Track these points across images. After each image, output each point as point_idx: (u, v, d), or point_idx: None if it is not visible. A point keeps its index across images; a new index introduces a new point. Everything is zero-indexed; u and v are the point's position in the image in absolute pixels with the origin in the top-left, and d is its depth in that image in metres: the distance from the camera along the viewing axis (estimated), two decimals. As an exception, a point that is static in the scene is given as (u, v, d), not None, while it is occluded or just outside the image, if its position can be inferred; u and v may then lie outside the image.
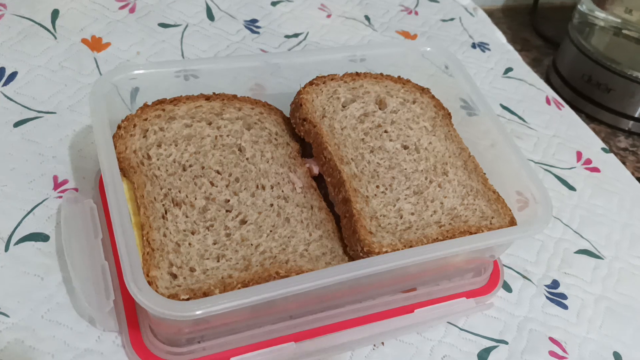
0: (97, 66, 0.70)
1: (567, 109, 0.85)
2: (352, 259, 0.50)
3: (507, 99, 0.83)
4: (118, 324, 0.49)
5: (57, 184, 0.58)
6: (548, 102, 0.85)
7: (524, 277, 0.62)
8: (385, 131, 0.57)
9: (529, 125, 0.80)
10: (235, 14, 0.84)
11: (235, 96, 0.57)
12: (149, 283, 0.43)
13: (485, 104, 0.61)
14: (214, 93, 0.57)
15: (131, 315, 0.49)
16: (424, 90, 0.63)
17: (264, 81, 0.65)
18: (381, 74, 0.62)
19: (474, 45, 0.91)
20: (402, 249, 0.49)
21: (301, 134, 0.55)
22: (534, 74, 0.90)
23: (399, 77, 0.63)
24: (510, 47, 0.95)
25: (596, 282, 0.63)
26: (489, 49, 0.91)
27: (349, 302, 0.53)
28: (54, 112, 0.64)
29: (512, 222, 0.55)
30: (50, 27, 0.71)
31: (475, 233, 0.53)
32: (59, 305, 0.50)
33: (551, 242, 0.66)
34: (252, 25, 0.83)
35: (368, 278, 0.49)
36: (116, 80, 0.53)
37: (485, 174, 0.59)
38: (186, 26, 0.79)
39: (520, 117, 0.81)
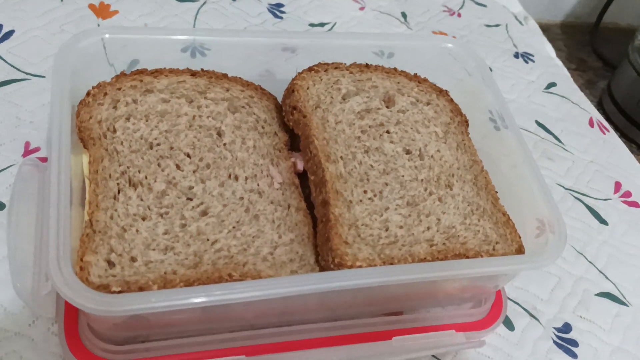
0: (103, 44, 0.65)
1: (612, 134, 0.76)
2: (322, 270, 0.43)
3: (545, 116, 0.74)
4: (56, 310, 0.44)
5: (28, 151, 0.54)
6: (591, 124, 0.76)
7: (531, 315, 0.54)
8: (387, 131, 0.51)
9: (565, 146, 0.71)
10: (260, -5, 0.79)
11: (225, 75, 0.52)
12: (81, 269, 0.38)
13: (511, 118, 0.53)
14: (202, 69, 0.51)
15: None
16: (441, 92, 0.56)
17: (276, 67, 0.59)
18: (395, 69, 0.56)
19: (516, 55, 0.83)
20: (379, 265, 0.42)
21: (290, 124, 0.49)
22: (580, 92, 0.81)
23: (415, 74, 0.56)
24: (558, 62, 0.86)
25: (616, 331, 0.54)
26: (532, 60, 0.83)
27: (319, 319, 0.47)
28: (43, 76, 0.60)
29: (520, 250, 0.48)
30: (54, -16, 0.68)
31: (473, 258, 0.46)
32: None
33: (570, 280, 0.57)
34: (276, 9, 0.78)
35: (338, 294, 0.42)
36: (91, 43, 0.48)
37: (497, 192, 0.52)
38: (204, 2, 0.74)
39: (556, 137, 0.72)
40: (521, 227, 0.50)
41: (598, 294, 0.57)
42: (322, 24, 0.78)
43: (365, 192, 0.46)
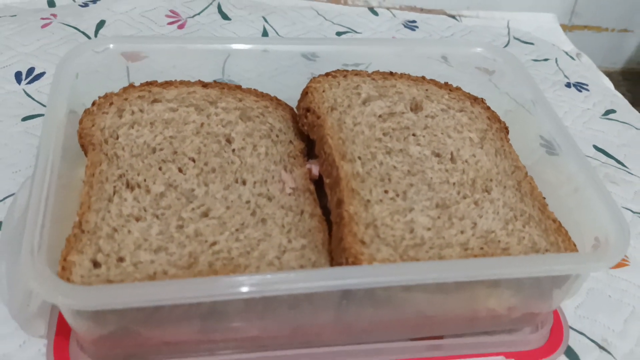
0: (128, 74, 0.65)
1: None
2: (337, 276, 0.37)
3: (604, 142, 0.67)
4: (48, 329, 0.40)
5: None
6: (660, 149, 0.68)
7: (602, 348, 0.45)
8: (414, 134, 0.46)
9: (630, 170, 0.63)
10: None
11: (238, 87, 0.49)
12: (63, 269, 0.34)
13: (568, 138, 0.47)
14: (214, 81, 0.49)
15: (64, 321, 0.40)
16: (476, 100, 0.51)
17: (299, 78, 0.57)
18: (423, 77, 0.52)
19: (568, 85, 0.77)
20: (401, 266, 0.36)
21: (304, 128, 0.45)
22: (645, 120, 0.73)
23: (446, 82, 0.52)
24: (617, 93, 0.80)
25: None
26: (587, 89, 0.77)
27: (340, 341, 0.40)
28: (69, 111, 0.59)
29: (575, 258, 0.40)
30: (92, 35, 0.69)
31: (518, 265, 0.39)
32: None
33: (647, 309, 0.48)
34: (308, 55, 0.76)
35: (359, 308, 0.37)
36: (98, 53, 0.47)
37: (545, 198, 0.45)
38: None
39: (618, 162, 0.65)
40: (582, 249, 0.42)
41: (683, 324, 0.47)
42: (356, 65, 0.76)
43: (386, 191, 0.41)
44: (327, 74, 0.48)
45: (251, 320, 0.37)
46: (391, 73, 0.51)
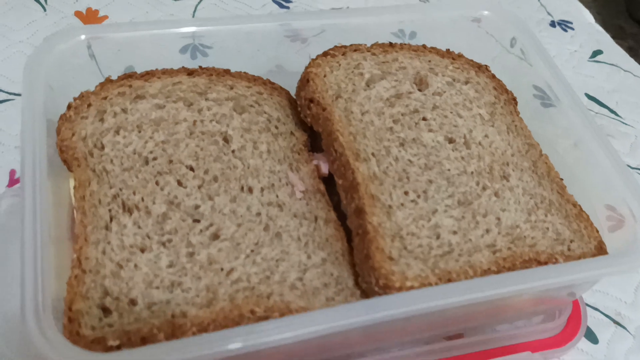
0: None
1: (674, 100, 0.66)
2: (365, 293, 0.35)
3: (596, 88, 0.66)
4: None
5: (13, 180, 0.47)
6: (649, 92, 0.67)
7: (616, 323, 0.45)
8: (424, 118, 0.43)
9: (624, 120, 0.62)
10: (264, -15, 0.71)
11: (227, 71, 0.44)
12: (70, 320, 0.31)
13: (569, 91, 0.45)
14: (200, 67, 0.44)
15: None
16: (480, 68, 0.48)
17: (287, 62, 0.52)
18: (424, 46, 0.48)
19: (553, 24, 0.74)
20: (435, 283, 0.34)
21: (308, 119, 0.42)
22: (631, 58, 0.72)
23: (447, 50, 0.48)
24: (599, 28, 0.77)
25: None
26: (572, 28, 0.74)
27: (365, 351, 0.39)
28: (27, 95, 0.53)
29: (600, 248, 0.39)
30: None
31: (546, 263, 0.37)
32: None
33: (654, 275, 0.49)
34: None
35: (387, 322, 0.34)
36: (69, 47, 0.41)
37: (562, 180, 0.43)
38: (202, -2, 0.67)
39: (612, 111, 0.63)
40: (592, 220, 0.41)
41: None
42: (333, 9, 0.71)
43: (406, 193, 0.38)
44: (325, 54, 0.44)
45: (277, 350, 0.35)
46: (391, 44, 0.47)
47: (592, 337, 0.44)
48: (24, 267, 0.30)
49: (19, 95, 0.53)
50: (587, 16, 0.80)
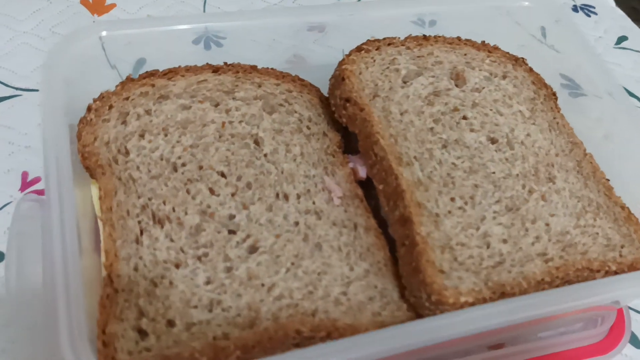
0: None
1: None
2: (412, 307, 0.33)
3: (624, 77, 0.64)
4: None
5: (26, 183, 0.45)
6: (678, 81, 0.65)
7: (659, 326, 0.44)
8: (464, 117, 0.40)
9: (654, 110, 0.60)
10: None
11: (254, 67, 0.42)
12: (104, 344, 0.29)
13: (610, 78, 0.43)
14: (225, 63, 0.41)
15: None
16: (517, 61, 0.46)
17: (305, 51, 0.50)
18: (458, 38, 0.45)
19: (575, 8, 0.72)
20: (490, 298, 0.32)
21: (343, 120, 0.39)
22: (655, 44, 0.69)
23: (482, 42, 0.46)
24: (621, 12, 0.75)
25: None
26: (595, 13, 0.72)
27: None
28: (36, 90, 0.51)
29: (653, 254, 0.38)
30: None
31: (598, 270, 0.36)
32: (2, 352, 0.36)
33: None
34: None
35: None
36: (87, 45, 0.38)
37: (608, 180, 0.41)
38: (213, -16, 0.64)
39: (641, 100, 0.61)
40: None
41: None
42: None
43: (452, 199, 0.36)
44: (358, 49, 0.41)
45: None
46: (425, 37, 0.44)
47: (637, 342, 0.42)
48: (55, 292, 0.28)
49: (27, 90, 0.50)
50: (609, 0, 0.77)
